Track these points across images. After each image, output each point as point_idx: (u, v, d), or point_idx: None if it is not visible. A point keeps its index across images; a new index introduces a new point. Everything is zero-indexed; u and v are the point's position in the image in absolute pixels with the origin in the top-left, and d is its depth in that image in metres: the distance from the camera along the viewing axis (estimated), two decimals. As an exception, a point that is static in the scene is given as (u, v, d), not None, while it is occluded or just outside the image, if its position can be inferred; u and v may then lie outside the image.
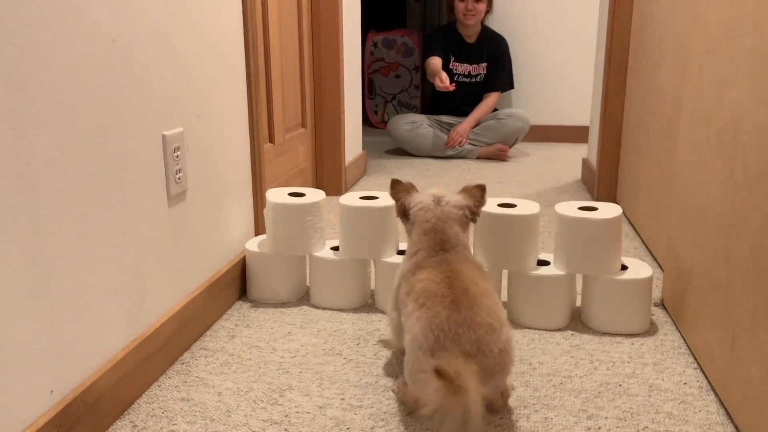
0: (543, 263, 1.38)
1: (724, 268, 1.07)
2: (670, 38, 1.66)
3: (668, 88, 1.66)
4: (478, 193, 1.15)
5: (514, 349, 1.01)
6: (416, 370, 0.96)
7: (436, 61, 3.21)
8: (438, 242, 1.08)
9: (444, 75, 3.09)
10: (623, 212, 2.18)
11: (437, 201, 1.12)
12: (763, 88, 0.95)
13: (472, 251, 1.18)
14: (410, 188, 1.17)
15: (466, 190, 1.16)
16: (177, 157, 1.18)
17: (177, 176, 1.18)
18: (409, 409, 1.03)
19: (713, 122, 1.16)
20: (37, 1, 0.82)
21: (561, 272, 1.33)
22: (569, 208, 1.34)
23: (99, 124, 0.96)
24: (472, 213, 1.14)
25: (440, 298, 0.98)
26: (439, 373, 0.81)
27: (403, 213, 1.15)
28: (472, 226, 1.17)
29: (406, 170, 2.96)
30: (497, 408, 1.04)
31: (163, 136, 1.14)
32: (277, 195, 1.44)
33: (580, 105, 3.66)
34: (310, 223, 1.42)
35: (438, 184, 2.61)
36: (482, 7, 3.26)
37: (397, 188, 1.17)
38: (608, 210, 1.32)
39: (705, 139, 1.20)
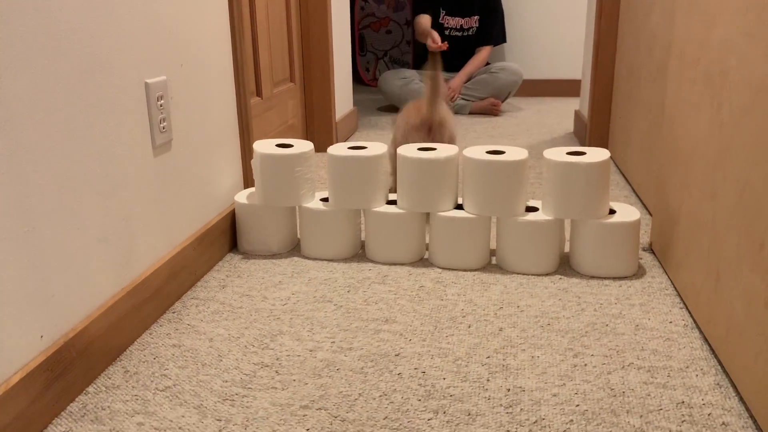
0: (532, 210, 1.38)
1: (710, 207, 1.08)
2: (660, -19, 1.63)
3: (659, 32, 1.64)
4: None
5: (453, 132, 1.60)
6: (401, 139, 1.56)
7: (425, 21, 3.16)
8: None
9: (435, 35, 3.04)
10: (614, 162, 2.18)
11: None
12: (750, 22, 0.93)
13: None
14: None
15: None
16: (161, 105, 1.17)
17: (161, 125, 1.17)
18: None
19: (701, 62, 1.15)
20: (7, -61, 0.80)
21: (549, 217, 1.33)
22: (557, 154, 1.33)
23: (79, 69, 0.94)
24: None
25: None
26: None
27: None
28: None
29: (398, 126, 2.94)
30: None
31: (146, 84, 1.12)
32: (264, 146, 1.44)
33: (574, 58, 3.63)
34: (299, 174, 1.42)
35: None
36: (473, -42, 3.20)
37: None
38: (596, 154, 1.32)
39: (693, 80, 1.20)
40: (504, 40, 3.47)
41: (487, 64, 3.32)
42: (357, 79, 3.96)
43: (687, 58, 1.24)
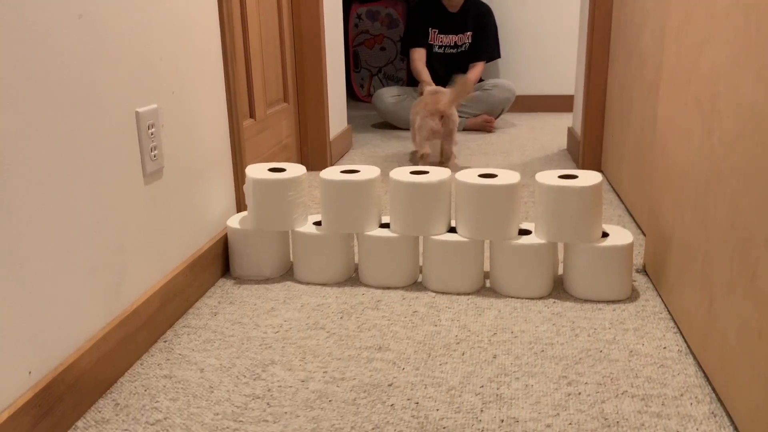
0: (525, 232, 1.38)
1: (702, 232, 1.08)
2: (650, 2, 1.64)
3: (649, 53, 1.65)
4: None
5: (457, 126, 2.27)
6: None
7: (420, 59, 3.20)
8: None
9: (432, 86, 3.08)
10: (608, 180, 2.19)
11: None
12: (739, 50, 0.94)
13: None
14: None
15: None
16: (152, 134, 1.16)
17: (152, 153, 1.17)
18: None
19: (691, 86, 1.16)
20: (-5, -24, 0.80)
21: (542, 241, 1.33)
22: (549, 177, 1.33)
23: (69, 100, 0.94)
24: None
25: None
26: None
27: None
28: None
29: (392, 143, 2.95)
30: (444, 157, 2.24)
31: (137, 113, 1.12)
32: (256, 171, 1.43)
33: (566, 74, 3.64)
34: (291, 198, 1.42)
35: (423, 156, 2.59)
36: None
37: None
38: (588, 178, 1.32)
39: (684, 103, 1.20)
40: (498, 55, 3.48)
41: (481, 80, 3.34)
42: (351, 95, 3.97)
43: (677, 81, 1.24)
